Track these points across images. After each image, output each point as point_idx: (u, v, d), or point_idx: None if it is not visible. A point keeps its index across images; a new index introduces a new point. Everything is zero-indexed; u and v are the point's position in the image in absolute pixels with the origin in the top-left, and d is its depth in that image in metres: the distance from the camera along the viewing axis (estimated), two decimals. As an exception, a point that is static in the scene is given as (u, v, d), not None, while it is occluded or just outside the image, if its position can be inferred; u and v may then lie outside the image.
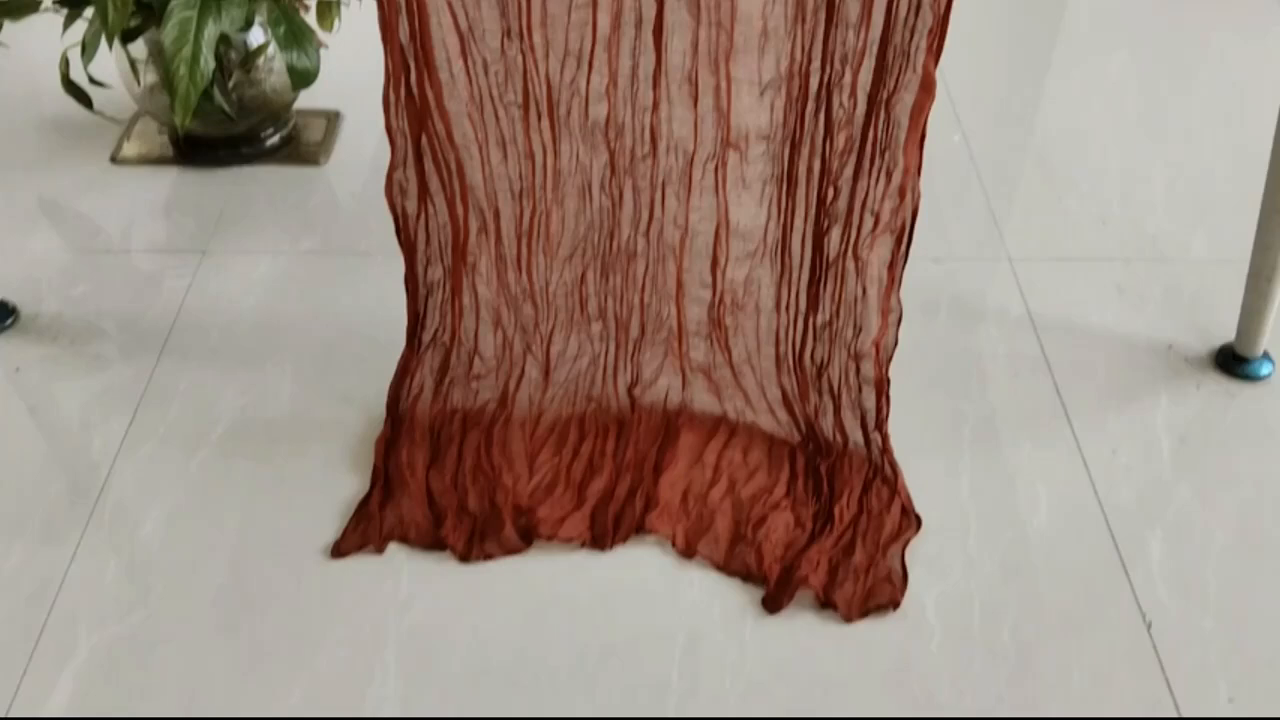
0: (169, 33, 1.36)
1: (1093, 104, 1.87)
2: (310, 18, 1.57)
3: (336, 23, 1.59)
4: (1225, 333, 1.39)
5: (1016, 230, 1.58)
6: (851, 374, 1.17)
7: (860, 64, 0.99)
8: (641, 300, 1.18)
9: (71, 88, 1.51)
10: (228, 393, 1.31)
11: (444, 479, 1.19)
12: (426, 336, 1.22)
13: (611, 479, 1.19)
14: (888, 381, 1.16)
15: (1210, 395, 1.33)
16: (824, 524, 1.15)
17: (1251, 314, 1.33)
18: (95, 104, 1.54)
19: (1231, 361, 1.36)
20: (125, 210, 1.61)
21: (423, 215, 1.11)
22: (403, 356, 1.24)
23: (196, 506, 1.18)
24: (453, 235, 1.12)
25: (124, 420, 1.27)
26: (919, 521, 1.16)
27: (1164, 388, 1.34)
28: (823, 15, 0.96)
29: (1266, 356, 1.36)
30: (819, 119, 1.02)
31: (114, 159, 1.70)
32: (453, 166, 1.07)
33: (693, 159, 1.06)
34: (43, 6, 1.48)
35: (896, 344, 1.15)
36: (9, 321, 1.41)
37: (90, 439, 1.25)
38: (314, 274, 1.50)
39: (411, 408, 1.24)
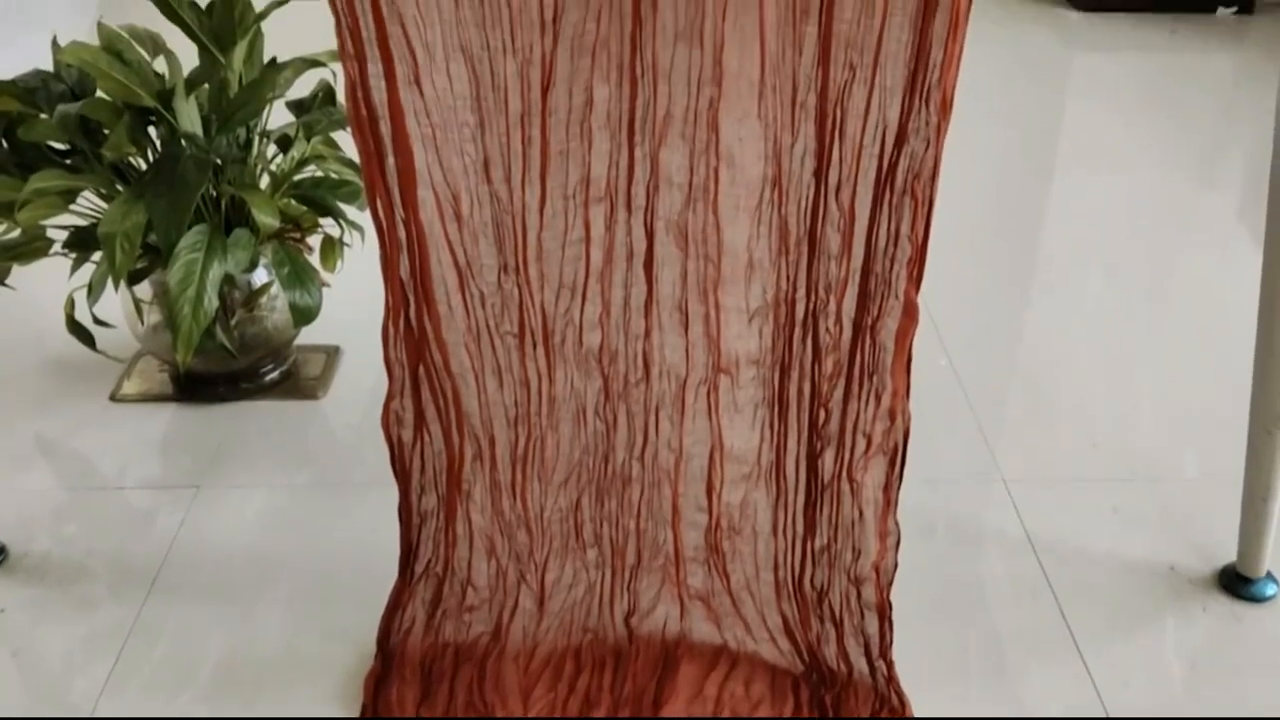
0: (175, 274, 1.40)
1: (1074, 326, 1.92)
2: (313, 258, 1.62)
3: (339, 262, 1.65)
4: (1226, 553, 1.38)
5: (1008, 452, 1.59)
6: (853, 599, 1.15)
7: (844, 292, 1.02)
8: (637, 526, 1.17)
9: (76, 328, 1.55)
10: (216, 632, 1.28)
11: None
12: (419, 567, 1.20)
13: (610, 715, 1.15)
14: (889, 606, 1.14)
15: (1217, 619, 1.31)
16: (831, 758, 1.10)
17: (1251, 534, 1.32)
18: (98, 343, 1.57)
19: (1235, 582, 1.35)
20: (122, 447, 1.62)
21: (418, 444, 1.12)
22: (395, 588, 1.22)
23: (177, 751, 1.13)
24: (448, 463, 1.13)
25: (108, 663, 1.24)
26: (929, 754, 1.12)
27: (1170, 611, 1.32)
28: (805, 247, 1.00)
29: (1270, 577, 1.35)
30: (806, 344, 1.04)
31: (113, 397, 1.72)
32: (449, 395, 1.09)
33: (685, 384, 1.08)
34: (51, 251, 1.53)
35: (896, 567, 1.14)
36: (-3, 560, 1.39)
37: (72, 684, 1.21)
38: (308, 507, 1.49)
39: (402, 643, 1.21)
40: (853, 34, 0.92)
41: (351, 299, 1.66)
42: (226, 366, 1.69)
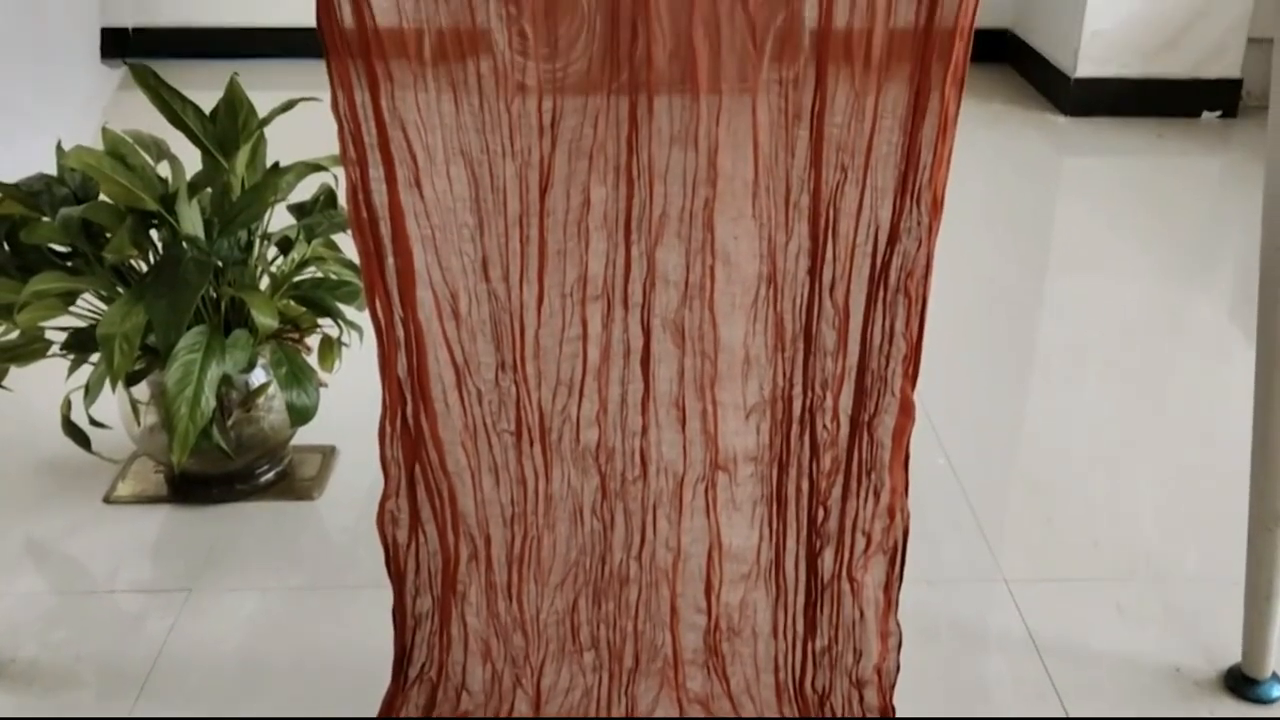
0: (173, 374, 1.41)
1: (1071, 423, 1.92)
2: (311, 358, 1.63)
3: (337, 362, 1.65)
4: (1231, 653, 1.36)
5: (1009, 551, 1.58)
6: (855, 703, 1.13)
7: (840, 389, 1.02)
8: (635, 628, 1.16)
9: (71, 429, 1.54)
10: (204, 737, 1.25)
11: (428, 827, 1.12)
12: (413, 671, 1.18)
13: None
14: (893, 710, 1.12)
15: (1225, 721, 1.29)
16: None
17: (1255, 634, 1.31)
18: (93, 445, 1.57)
19: (1241, 684, 1.33)
20: (114, 550, 1.60)
21: (413, 544, 1.11)
22: (387, 695, 1.20)
23: None
24: (443, 564, 1.12)
25: (92, 770, 1.21)
26: None
27: (1176, 714, 1.30)
28: (801, 344, 1.01)
29: (1276, 678, 1.33)
30: (804, 441, 1.04)
31: (107, 499, 1.71)
32: (445, 494, 1.08)
33: (683, 481, 1.07)
34: (50, 352, 1.54)
35: (899, 669, 1.12)
36: (-18, 666, 1.37)
37: (54, 791, 1.19)
38: (301, 610, 1.47)
39: (396, 749, 1.19)
40: (844, 137, 0.93)
41: (348, 399, 1.66)
42: (222, 467, 1.68)
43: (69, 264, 1.52)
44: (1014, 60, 3.74)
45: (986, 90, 3.55)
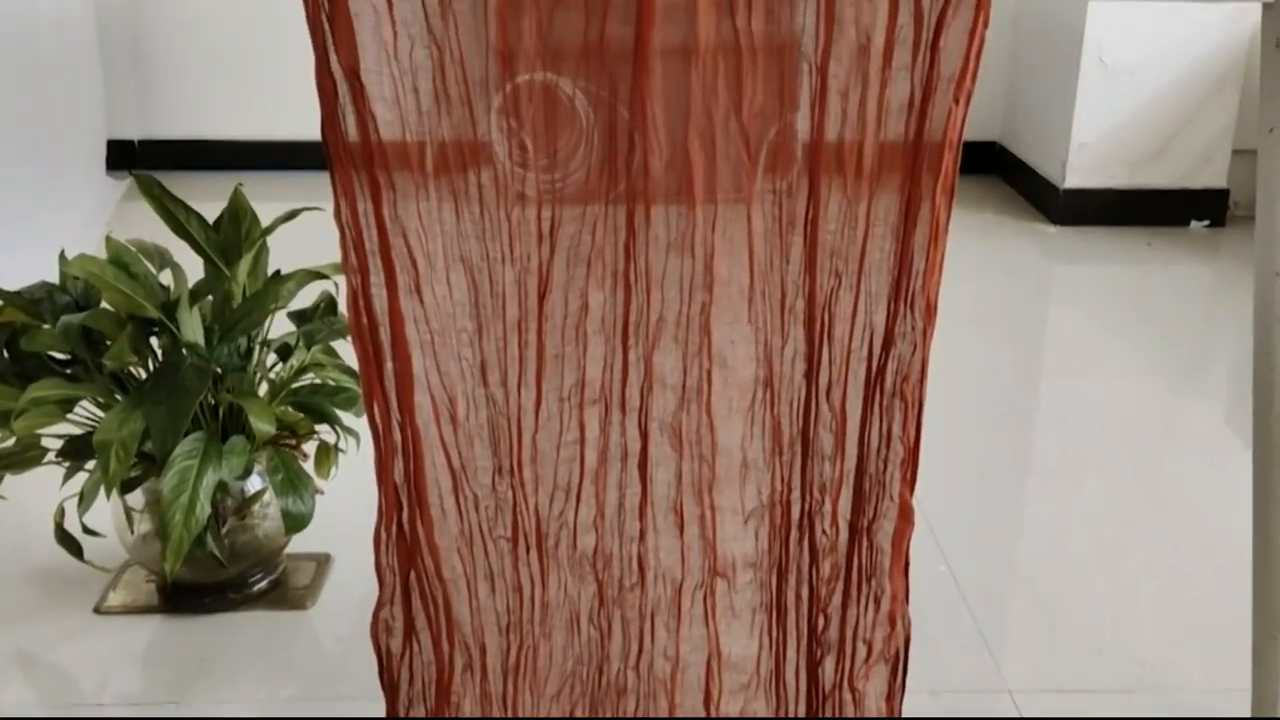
0: (169, 481, 1.40)
1: (1071, 530, 1.91)
2: (308, 464, 1.62)
3: (333, 469, 1.65)
4: (1242, 764, 1.33)
5: (1012, 660, 1.56)
6: (857, 817, 1.11)
7: (839, 493, 1.02)
8: (632, 739, 1.13)
9: (64, 538, 1.53)
10: None
11: None
12: (406, 786, 1.15)
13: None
14: (896, 824, 1.10)
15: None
16: None
17: (1265, 744, 1.28)
18: (86, 553, 1.56)
19: (1254, 795, 1.30)
20: (103, 661, 1.57)
21: (407, 654, 1.10)
22: (380, 809, 1.17)
23: None
24: (437, 674, 1.10)
25: None
26: None
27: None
28: (799, 448, 1.01)
29: (1290, 789, 1.30)
30: (803, 546, 1.04)
31: (98, 609, 1.68)
32: (440, 602, 1.07)
33: (681, 588, 1.06)
34: (45, 460, 1.53)
35: (902, 781, 1.09)
36: (-36, 782, 1.33)
37: None
38: (292, 723, 1.44)
39: None
40: (837, 243, 0.95)
41: (344, 506, 1.65)
42: (214, 576, 1.67)
43: (68, 371, 1.53)
44: (1003, 172, 3.81)
45: (977, 200, 3.61)
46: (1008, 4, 3.69)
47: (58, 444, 1.54)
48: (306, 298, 1.67)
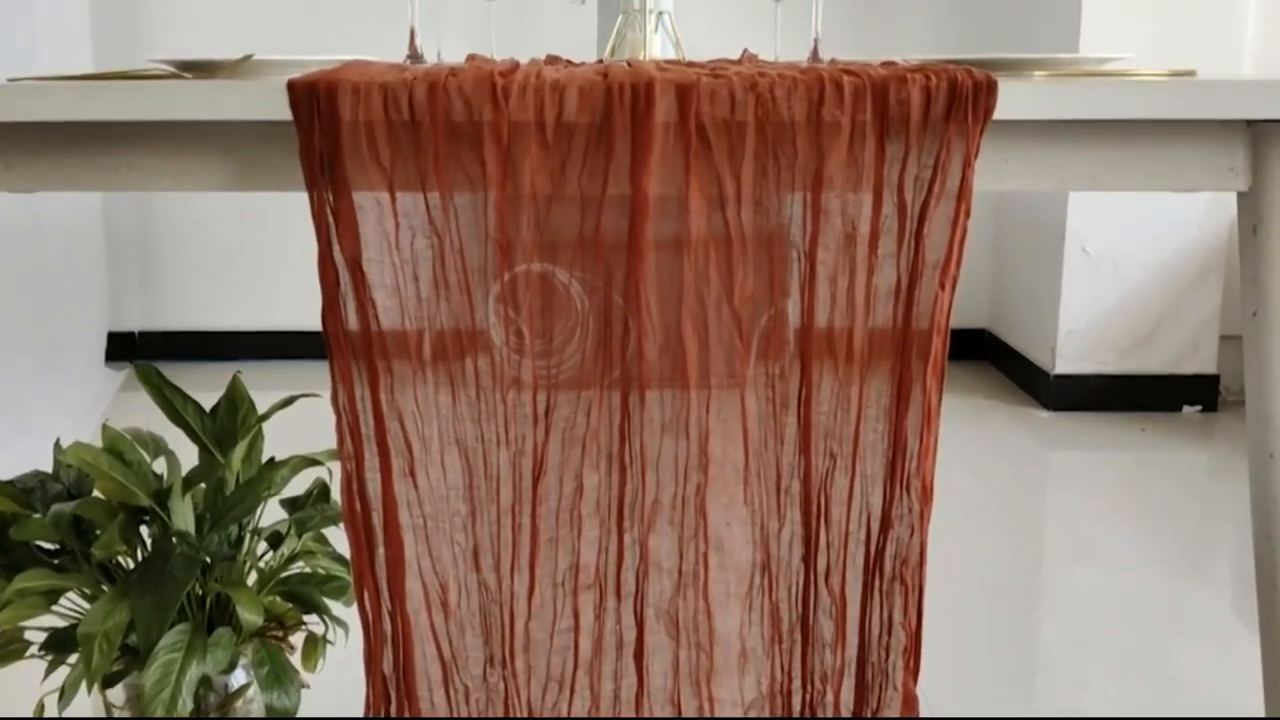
0: (151, 675, 1.36)
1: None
2: (295, 656, 1.58)
3: (320, 661, 1.60)
4: None
5: None
6: None
7: (840, 683, 0.99)
8: None
9: (41, 736, 1.48)
10: None
11: None
12: None
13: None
14: None
15: None
16: None
17: None
18: (62, 752, 1.50)
19: None
20: None
21: None
22: None
23: None
24: None
25: None
26: None
27: None
28: (798, 635, 0.99)
29: None
30: (805, 739, 1.00)
31: (69, 813, 1.61)
32: (428, 801, 1.03)
33: (679, 784, 1.02)
34: (28, 653, 1.49)
35: None
36: None
37: None
38: None
39: None
40: (831, 425, 0.96)
41: (331, 699, 1.60)
42: (194, 776, 1.60)
43: (56, 561, 1.51)
44: (993, 358, 3.86)
45: (968, 386, 3.65)
46: (990, 195, 3.81)
47: (42, 636, 1.50)
48: (300, 484, 1.67)
